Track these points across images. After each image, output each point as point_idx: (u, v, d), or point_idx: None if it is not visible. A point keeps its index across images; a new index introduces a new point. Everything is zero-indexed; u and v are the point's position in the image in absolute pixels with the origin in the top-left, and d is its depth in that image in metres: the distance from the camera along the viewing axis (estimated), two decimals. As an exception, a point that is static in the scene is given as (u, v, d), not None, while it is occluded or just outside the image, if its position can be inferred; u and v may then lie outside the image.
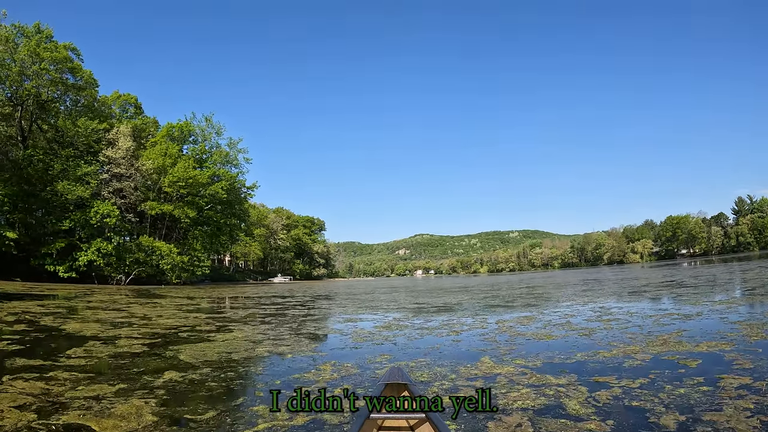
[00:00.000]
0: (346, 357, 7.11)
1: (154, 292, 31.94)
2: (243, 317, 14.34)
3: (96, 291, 31.12)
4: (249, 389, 5.33)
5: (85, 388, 5.31)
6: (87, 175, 45.69)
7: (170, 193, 55.60)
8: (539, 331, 9.07)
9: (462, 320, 11.92)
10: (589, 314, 11.64)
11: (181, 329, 10.90)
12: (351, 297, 26.79)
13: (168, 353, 7.63)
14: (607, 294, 19.17)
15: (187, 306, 19.20)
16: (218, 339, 9.23)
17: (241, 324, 12.18)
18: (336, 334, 10.08)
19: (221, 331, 10.49)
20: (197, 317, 14.08)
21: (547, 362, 6.22)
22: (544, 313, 12.51)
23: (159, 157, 53.99)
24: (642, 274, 39.11)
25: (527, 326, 9.97)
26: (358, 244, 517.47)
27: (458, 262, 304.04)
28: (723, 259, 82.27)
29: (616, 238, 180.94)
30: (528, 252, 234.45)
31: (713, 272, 31.94)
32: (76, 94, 49.44)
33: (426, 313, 14.78)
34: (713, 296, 14.51)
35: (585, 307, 13.60)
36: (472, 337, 8.85)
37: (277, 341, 8.88)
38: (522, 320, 11.14)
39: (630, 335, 8.05)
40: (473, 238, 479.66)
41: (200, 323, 12.30)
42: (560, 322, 10.26)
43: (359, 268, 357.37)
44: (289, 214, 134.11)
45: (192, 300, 23.78)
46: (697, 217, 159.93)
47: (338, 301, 23.45)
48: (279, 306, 19.49)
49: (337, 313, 16.04)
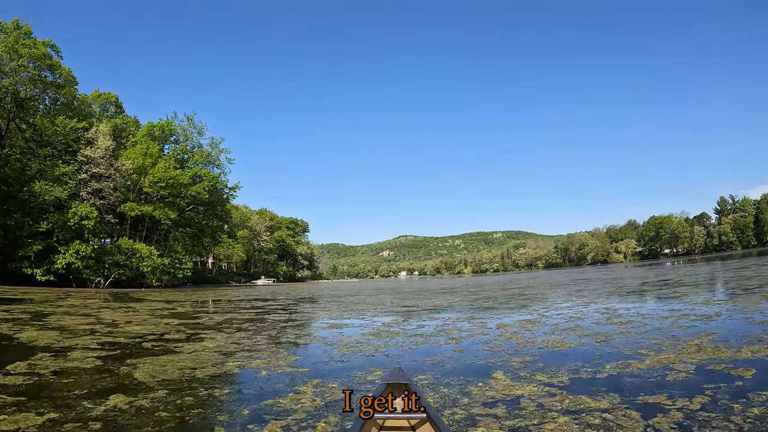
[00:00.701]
0: (331, 374, 5.96)
1: (132, 296, 30.42)
2: (218, 323, 13.10)
3: (72, 294, 29.62)
4: (206, 422, 4.17)
5: (7, 418, 4.22)
6: (65, 175, 43.98)
7: (151, 194, 53.91)
8: (549, 338, 8.02)
9: (458, 325, 10.84)
10: (597, 316, 10.67)
11: (147, 338, 9.69)
12: (335, 300, 25.55)
13: (123, 369, 6.45)
14: (605, 294, 18.27)
15: (161, 311, 17.91)
16: (185, 350, 8.04)
17: (214, 331, 10.96)
18: (319, 343, 8.85)
19: (191, 340, 9.29)
20: (169, 323, 12.84)
21: (574, 378, 5.17)
22: (546, 316, 11.49)
23: (139, 157, 52.27)
24: (630, 274, 38.56)
25: (533, 331, 8.94)
26: (342, 245, 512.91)
27: (442, 263, 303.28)
28: (706, 258, 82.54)
29: (600, 238, 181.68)
30: (512, 252, 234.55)
31: (704, 270, 31.47)
32: (55, 92, 47.68)
33: (417, 316, 13.73)
34: (719, 294, 13.67)
35: (588, 309, 12.62)
36: (474, 345, 7.76)
37: (251, 353, 7.71)
38: (524, 324, 10.11)
39: (654, 340, 7.08)
40: (457, 239, 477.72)
41: (170, 330, 11.08)
42: (568, 326, 9.24)
43: (343, 269, 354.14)
44: (273, 215, 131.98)
45: (168, 304, 22.42)
46: (680, 217, 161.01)
47: (322, 304, 22.20)
48: (259, 310, 18.23)
49: (320, 318, 14.88)
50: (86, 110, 54.84)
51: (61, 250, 43.74)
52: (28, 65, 42.82)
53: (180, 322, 13.44)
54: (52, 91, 47.29)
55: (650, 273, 35.85)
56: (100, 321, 13.28)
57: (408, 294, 29.75)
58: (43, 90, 46.61)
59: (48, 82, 45.72)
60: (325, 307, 20.02)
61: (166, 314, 16.22)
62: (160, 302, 23.73)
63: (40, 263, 43.18)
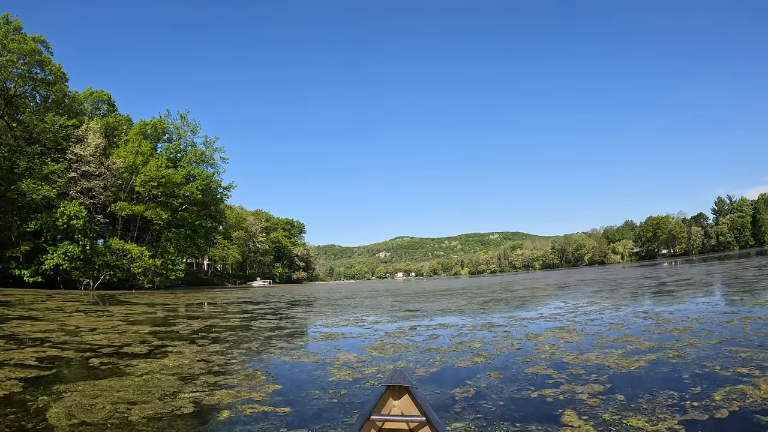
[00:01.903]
0: (320, 419, 4.16)
1: (119, 298, 28.54)
2: (195, 331, 11.16)
3: (55, 297, 27.78)
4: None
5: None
6: (53, 174, 42.09)
7: (142, 193, 51.95)
8: (602, 352, 6.25)
9: (478, 335, 9.01)
10: (640, 322, 8.96)
11: (101, 352, 7.87)
12: (331, 302, 23.64)
13: (40, 400, 4.72)
14: (628, 295, 16.49)
15: (139, 315, 16.07)
16: (137, 371, 6.19)
17: (185, 343, 9.07)
18: (310, 362, 6.90)
19: (152, 356, 7.45)
20: (138, 332, 10.97)
21: (685, 419, 3.52)
22: (577, 322, 9.70)
23: (130, 155, 50.37)
24: (634, 274, 36.60)
25: (574, 343, 7.16)
26: (339, 246, 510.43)
27: (439, 264, 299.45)
28: (704, 258, 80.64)
29: (597, 238, 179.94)
30: (509, 253, 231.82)
31: (716, 269, 29.58)
32: (46, 90, 45.87)
33: (423, 323, 11.82)
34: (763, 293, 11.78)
35: (622, 313, 10.82)
36: (511, 365, 5.94)
37: (219, 377, 5.85)
38: (558, 333, 8.33)
39: (743, 353, 5.48)
40: (453, 240, 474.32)
41: (134, 341, 9.22)
42: (615, 336, 7.48)
43: (340, 271, 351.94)
44: (268, 216, 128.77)
45: (151, 307, 20.55)
46: (678, 218, 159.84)
47: (317, 308, 20.27)
48: (246, 315, 16.30)
49: (314, 325, 13.00)
50: (77, 108, 52.91)
51: (49, 250, 41.86)
52: (18, 61, 40.98)
53: (152, 329, 11.57)
54: (43, 89, 45.42)
55: (659, 272, 33.99)
56: (62, 328, 11.53)
57: (408, 296, 27.83)
58: (33, 87, 44.78)
59: (38, 79, 43.94)
60: (320, 311, 18.15)
61: (142, 320, 14.39)
62: (143, 305, 21.91)
63: (28, 264, 41.31)
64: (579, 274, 54.19)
